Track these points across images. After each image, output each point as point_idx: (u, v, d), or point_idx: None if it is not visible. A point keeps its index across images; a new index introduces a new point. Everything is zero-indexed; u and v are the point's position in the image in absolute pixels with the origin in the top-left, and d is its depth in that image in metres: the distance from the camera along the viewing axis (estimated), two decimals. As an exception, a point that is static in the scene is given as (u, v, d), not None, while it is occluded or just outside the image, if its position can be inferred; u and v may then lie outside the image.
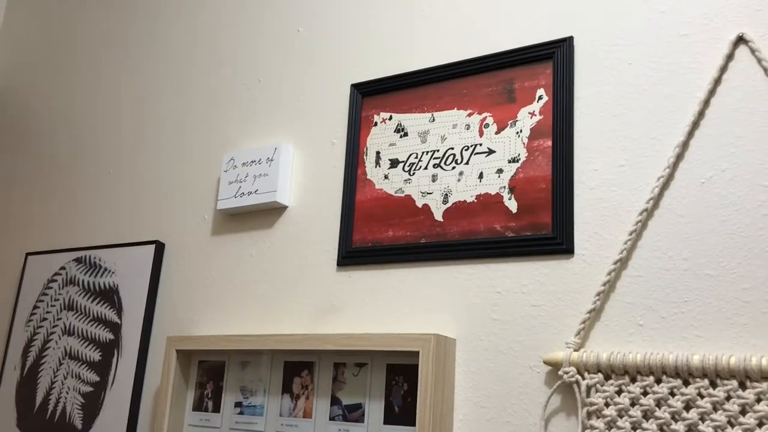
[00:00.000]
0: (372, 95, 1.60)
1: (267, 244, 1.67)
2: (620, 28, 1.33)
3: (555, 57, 1.37)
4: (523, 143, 1.37)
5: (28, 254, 2.11)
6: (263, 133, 1.78)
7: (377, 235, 1.50)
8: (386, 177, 1.53)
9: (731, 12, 1.22)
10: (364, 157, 1.57)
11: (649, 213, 1.21)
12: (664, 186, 1.21)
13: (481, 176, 1.41)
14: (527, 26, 1.44)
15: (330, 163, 1.63)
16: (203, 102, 1.93)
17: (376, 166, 1.55)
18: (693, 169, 1.19)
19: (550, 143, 1.34)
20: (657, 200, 1.21)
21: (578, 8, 1.39)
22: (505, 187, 1.37)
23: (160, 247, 1.83)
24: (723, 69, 1.21)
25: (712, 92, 1.21)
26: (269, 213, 1.69)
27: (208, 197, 1.81)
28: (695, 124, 1.21)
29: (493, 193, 1.38)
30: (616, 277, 1.22)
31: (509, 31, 1.46)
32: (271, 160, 1.67)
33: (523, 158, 1.37)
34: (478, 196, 1.40)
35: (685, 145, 1.21)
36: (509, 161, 1.38)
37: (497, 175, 1.39)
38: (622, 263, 1.22)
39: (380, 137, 1.56)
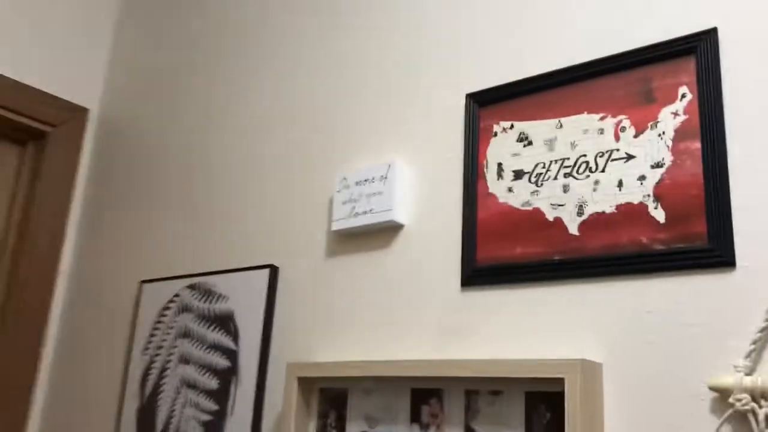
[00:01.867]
0: (490, 104, 1.53)
1: (385, 264, 1.62)
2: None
3: (698, 51, 1.26)
4: (668, 146, 1.27)
5: (142, 282, 2.16)
6: (376, 150, 1.74)
7: (504, 252, 1.42)
8: (510, 190, 1.45)
9: None
10: (485, 170, 1.50)
11: (827, 218, 1.08)
12: (844, 186, 1.08)
13: (620, 184, 1.31)
14: (662, 19, 1.34)
15: (446, 178, 1.57)
16: (317, 121, 1.91)
17: (498, 179, 1.48)
18: None
19: (698, 145, 1.23)
20: (836, 203, 1.08)
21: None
22: (649, 195, 1.27)
23: (274, 272, 1.82)
24: None
25: None
26: (385, 232, 1.64)
27: (322, 219, 1.79)
28: None
29: (635, 202, 1.28)
30: (790, 292, 1.09)
31: (641, 26, 1.36)
32: (385, 178, 1.63)
33: (668, 162, 1.26)
34: (618, 206, 1.30)
35: None
36: (652, 166, 1.27)
37: (639, 182, 1.28)
38: (797, 275, 1.09)
39: (501, 148, 1.49)
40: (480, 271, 1.44)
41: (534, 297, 1.36)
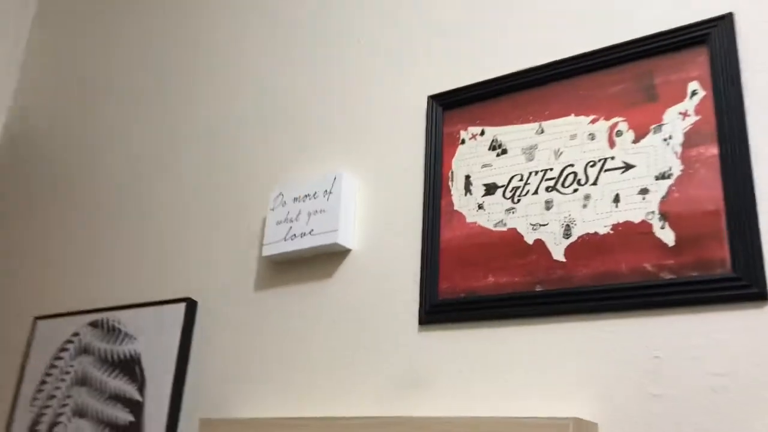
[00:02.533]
0: (455, 107, 1.29)
1: (326, 298, 1.34)
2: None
3: (711, 40, 1.05)
4: (676, 153, 1.04)
5: (36, 318, 1.81)
6: (319, 161, 1.47)
7: (473, 282, 1.16)
8: (481, 207, 1.20)
9: None
10: (450, 183, 1.25)
11: None
12: None
13: (617, 199, 1.07)
14: (664, 4, 1.13)
15: (404, 193, 1.31)
16: (244, 128, 1.64)
17: (466, 194, 1.23)
18: None
19: (716, 151, 1.00)
20: None
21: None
22: (653, 212, 1.03)
23: (191, 306, 1.51)
24: None
25: None
26: (328, 259, 1.36)
27: (251, 243, 1.50)
28: None
29: (636, 221, 1.04)
30: (843, 333, 0.86)
31: (639, 13, 1.15)
32: (330, 193, 1.36)
33: (677, 172, 1.03)
34: (614, 226, 1.06)
35: None
36: (657, 178, 1.04)
37: (641, 196, 1.05)
38: None
39: (470, 157, 1.24)
40: (443, 306, 1.18)
41: (510, 337, 1.10)
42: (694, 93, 1.05)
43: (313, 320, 1.34)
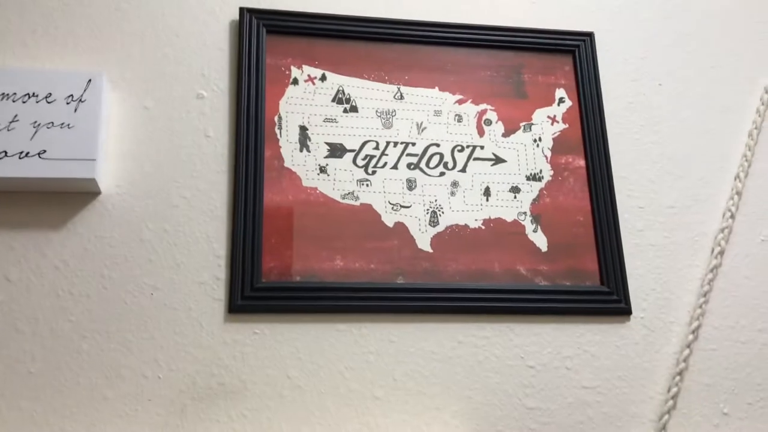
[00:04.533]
0: (286, 34, 1.01)
1: (55, 260, 0.86)
2: (643, 37, 1.13)
3: (578, 53, 1.08)
4: (546, 156, 1.02)
5: None
6: (56, 44, 0.95)
7: (314, 263, 0.91)
8: (323, 170, 0.95)
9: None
10: (276, 130, 0.96)
11: (715, 271, 1.01)
12: (727, 240, 1.03)
13: (487, 193, 0.99)
14: (544, 5, 1.12)
15: (197, 127, 0.95)
16: None
17: (301, 150, 0.96)
18: (753, 221, 1.04)
19: (583, 163, 1.02)
20: (720, 256, 1.02)
21: (602, 4, 1.14)
22: (525, 213, 0.99)
23: None
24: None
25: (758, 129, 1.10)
26: (60, 201, 0.88)
27: None
28: (747, 163, 1.07)
29: (509, 219, 0.98)
30: (689, 351, 0.96)
31: (520, 5, 1.10)
32: (80, 101, 0.89)
33: (547, 177, 1.01)
34: (486, 222, 0.97)
35: (738, 192, 1.05)
36: (528, 178, 1.00)
37: (512, 195, 0.99)
38: (693, 332, 0.97)
39: (305, 104, 0.98)
40: (268, 290, 0.88)
41: (361, 336, 0.89)
42: (561, 100, 1.06)
43: (26, 294, 0.85)
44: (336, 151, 0.97)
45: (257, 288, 0.89)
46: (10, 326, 0.84)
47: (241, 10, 1.01)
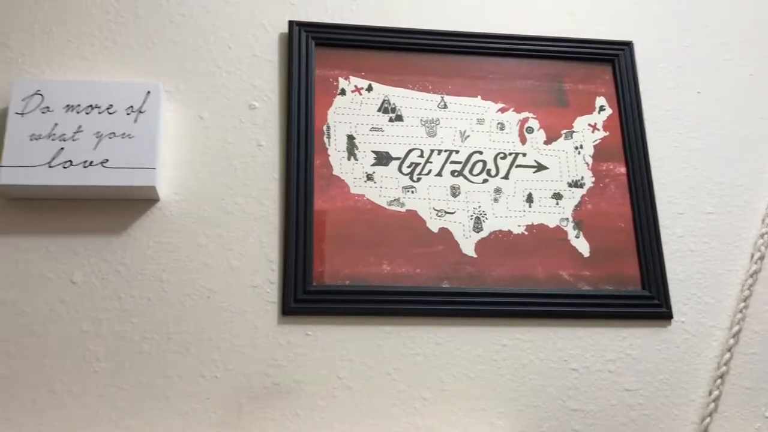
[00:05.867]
0: (334, 46, 1.05)
1: (117, 264, 0.91)
2: (682, 45, 1.16)
3: (617, 62, 1.11)
4: (587, 164, 1.05)
5: None
6: (114, 60, 1.00)
7: (361, 268, 0.95)
8: (371, 178, 1.00)
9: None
10: (325, 140, 1.01)
11: (755, 276, 1.03)
12: (767, 245, 1.05)
13: (530, 199, 1.02)
14: (578, 16, 1.15)
15: (250, 137, 1.00)
16: None
17: (349, 158, 1.00)
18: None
19: (624, 170, 1.05)
20: (760, 261, 1.04)
21: (640, 14, 1.17)
22: (568, 219, 1.02)
23: None
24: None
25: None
26: (120, 207, 0.93)
27: None
28: (786, 178, 1.09)
29: (551, 225, 1.01)
30: (730, 355, 0.99)
31: (554, 17, 1.14)
32: (140, 112, 0.94)
33: (589, 183, 1.04)
34: (529, 228, 1.01)
35: (777, 200, 1.08)
36: (570, 185, 1.04)
37: (554, 201, 1.02)
38: (734, 337, 0.99)
39: (353, 114, 1.03)
40: (319, 294, 0.93)
41: (408, 339, 0.93)
42: (602, 108, 1.09)
43: (90, 297, 0.89)
44: (382, 159, 1.01)
45: (309, 291, 0.93)
46: (75, 327, 0.89)
47: (291, 23, 1.06)
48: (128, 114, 0.94)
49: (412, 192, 1.00)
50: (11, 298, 0.89)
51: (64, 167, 0.90)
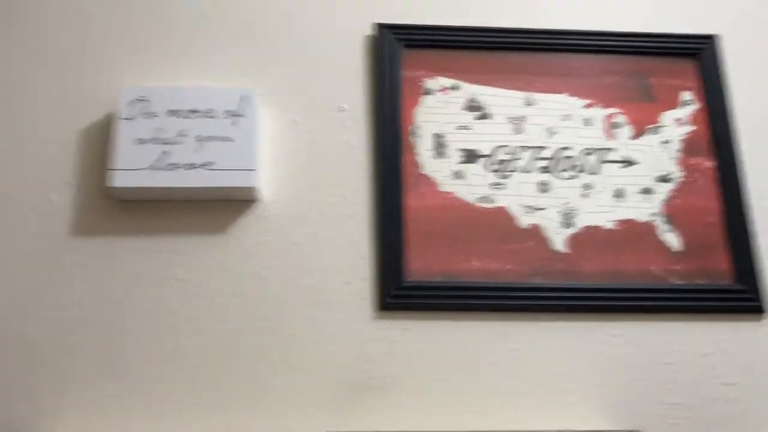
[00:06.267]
0: (417, 47, 1.08)
1: (220, 262, 0.96)
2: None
3: (702, 56, 1.10)
4: (675, 158, 1.05)
5: None
6: (211, 67, 1.05)
7: (452, 265, 0.97)
8: (459, 175, 1.02)
9: None
10: (412, 138, 1.03)
11: None
12: None
13: (619, 194, 1.02)
14: (667, 11, 1.15)
15: (339, 139, 1.03)
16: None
17: (437, 156, 1.02)
18: None
19: (712, 164, 1.05)
20: None
21: (725, 7, 1.16)
22: (657, 214, 1.02)
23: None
24: None
25: None
26: (221, 207, 0.98)
27: (79, 162, 0.98)
28: None
29: (641, 220, 1.01)
30: (829, 349, 0.98)
31: (642, 11, 1.14)
32: (238, 116, 0.98)
33: (677, 178, 1.04)
34: (620, 223, 1.01)
35: None
36: (658, 180, 1.04)
37: (643, 195, 1.03)
38: (833, 331, 0.98)
39: (439, 113, 1.05)
40: (413, 289, 0.95)
41: (502, 334, 0.95)
42: (687, 102, 1.08)
43: (193, 293, 0.94)
44: (470, 156, 1.03)
45: (403, 287, 0.95)
46: (181, 321, 0.93)
47: (376, 26, 1.08)
48: (227, 118, 0.98)
49: (501, 189, 1.02)
50: (121, 296, 0.94)
51: (170, 170, 0.95)
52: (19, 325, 0.91)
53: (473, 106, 1.06)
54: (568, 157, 1.04)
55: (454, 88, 1.06)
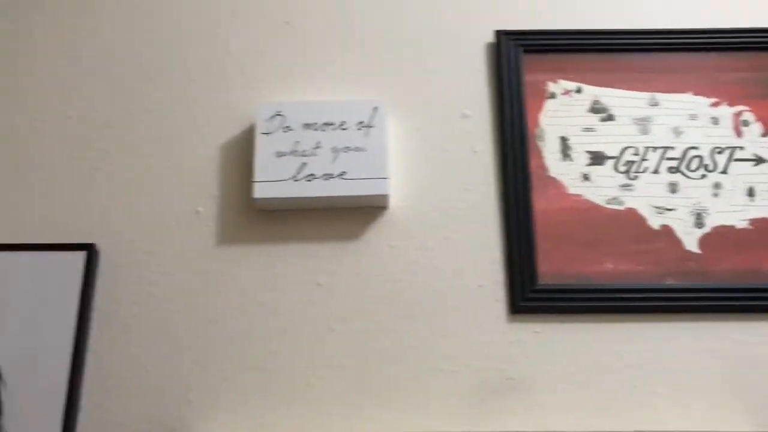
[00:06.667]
0: (538, 52, 1.10)
1: (354, 267, 1.00)
2: None
3: (833, 47, 1.08)
4: (808, 155, 1.04)
5: None
6: (338, 81, 1.10)
7: (584, 267, 0.98)
8: (587, 178, 1.03)
9: None
10: (538, 142, 1.05)
11: None
12: None
13: (751, 193, 1.02)
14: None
15: (465, 145, 1.06)
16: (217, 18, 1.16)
17: (564, 159, 1.04)
18: None
19: None
20: None
21: None
22: (792, 211, 1.01)
23: (92, 257, 0.99)
24: None
25: None
26: (353, 215, 1.02)
27: (222, 174, 1.05)
28: None
29: (775, 219, 1.01)
30: None
31: (761, 6, 1.13)
32: (369, 127, 1.02)
33: (812, 175, 1.03)
34: (753, 222, 1.00)
35: None
36: (791, 177, 1.03)
37: (777, 193, 1.02)
38: None
39: (564, 116, 1.06)
40: (546, 292, 0.97)
41: (636, 335, 0.96)
42: (819, 97, 1.06)
43: (331, 297, 0.99)
44: (597, 158, 1.04)
45: (535, 290, 0.97)
46: (323, 325, 0.98)
47: (497, 32, 1.11)
48: (359, 129, 1.03)
49: (630, 190, 1.02)
50: (266, 300, 0.99)
51: (308, 180, 1.00)
52: (173, 329, 0.99)
53: (597, 108, 1.07)
54: (698, 157, 1.04)
55: (577, 91, 1.08)
